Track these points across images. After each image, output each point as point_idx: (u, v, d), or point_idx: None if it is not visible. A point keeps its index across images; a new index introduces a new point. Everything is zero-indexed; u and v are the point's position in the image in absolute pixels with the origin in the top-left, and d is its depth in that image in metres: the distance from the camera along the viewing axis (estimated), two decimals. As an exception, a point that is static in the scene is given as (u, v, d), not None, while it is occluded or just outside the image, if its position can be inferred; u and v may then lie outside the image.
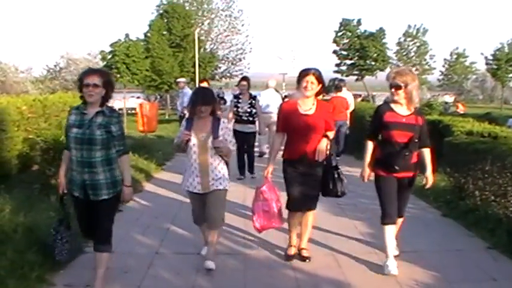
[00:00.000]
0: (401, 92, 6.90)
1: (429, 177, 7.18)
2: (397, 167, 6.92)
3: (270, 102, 16.63)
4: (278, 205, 7.34)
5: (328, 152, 7.27)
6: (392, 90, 6.98)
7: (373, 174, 7.26)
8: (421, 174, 7.32)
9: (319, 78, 7.24)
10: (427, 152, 7.14)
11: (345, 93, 17.29)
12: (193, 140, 7.05)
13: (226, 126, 7.26)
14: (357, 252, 7.69)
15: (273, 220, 7.33)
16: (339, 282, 6.73)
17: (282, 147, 7.63)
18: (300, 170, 7.30)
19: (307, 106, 7.28)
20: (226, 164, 7.34)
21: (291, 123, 7.32)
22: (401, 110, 7.01)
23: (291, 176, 7.37)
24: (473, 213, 9.02)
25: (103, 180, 6.14)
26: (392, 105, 7.08)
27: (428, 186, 7.29)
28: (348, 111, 17.46)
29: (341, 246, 7.89)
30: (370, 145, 7.33)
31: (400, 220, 7.31)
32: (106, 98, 6.21)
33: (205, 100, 7.07)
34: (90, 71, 6.32)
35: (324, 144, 7.22)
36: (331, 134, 7.42)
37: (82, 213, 6.39)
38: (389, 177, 7.08)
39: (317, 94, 7.33)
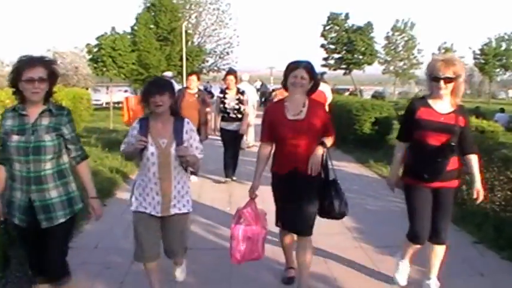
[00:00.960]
0: (450, 85, 5.74)
1: (479, 190, 5.94)
2: (426, 175, 5.86)
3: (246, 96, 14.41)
4: (263, 232, 6.10)
5: (325, 163, 6.07)
6: (440, 83, 5.73)
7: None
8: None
9: (312, 73, 6.01)
10: (474, 159, 5.97)
11: (322, 86, 17.02)
12: (151, 149, 5.51)
13: (192, 129, 5.75)
14: (343, 247, 7.63)
15: (256, 250, 6.06)
16: (324, 277, 6.66)
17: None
18: (291, 186, 6.06)
19: (297, 109, 6.02)
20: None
21: (277, 132, 6.07)
22: (441, 106, 5.87)
23: (280, 193, 6.21)
24: (460, 207, 8.94)
25: (57, 198, 4.93)
26: (430, 101, 5.93)
27: (479, 200, 6.02)
28: (326, 104, 15.91)
29: (327, 241, 7.72)
30: (400, 147, 6.27)
31: (440, 249, 6.15)
32: (50, 93, 4.99)
33: (160, 88, 5.49)
34: (32, 61, 4.87)
35: (318, 155, 5.93)
36: (329, 141, 6.15)
37: (29, 245, 5.10)
38: (419, 186, 5.98)
39: (309, 92, 6.12)
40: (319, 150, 5.94)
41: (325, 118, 6.14)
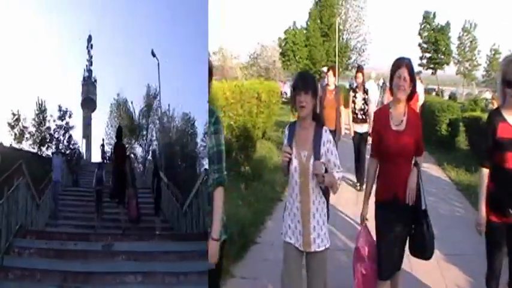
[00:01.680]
0: None
1: None
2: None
3: (370, 94, 9.14)
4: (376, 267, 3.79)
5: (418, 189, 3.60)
6: None
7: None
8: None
9: (411, 74, 3.48)
10: None
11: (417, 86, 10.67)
12: (295, 162, 3.20)
13: (329, 139, 3.23)
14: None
15: (373, 285, 3.76)
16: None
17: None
18: (393, 217, 3.56)
19: (399, 118, 3.54)
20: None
21: (383, 144, 3.59)
22: None
23: (384, 226, 3.61)
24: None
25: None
26: (505, 114, 3.37)
27: None
28: (419, 105, 10.27)
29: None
30: (485, 176, 3.47)
31: None
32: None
33: (305, 84, 3.16)
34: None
35: (414, 178, 3.53)
36: (420, 160, 3.70)
37: None
38: (502, 223, 3.41)
39: (409, 98, 3.55)
40: (415, 173, 3.56)
41: (420, 132, 3.66)
